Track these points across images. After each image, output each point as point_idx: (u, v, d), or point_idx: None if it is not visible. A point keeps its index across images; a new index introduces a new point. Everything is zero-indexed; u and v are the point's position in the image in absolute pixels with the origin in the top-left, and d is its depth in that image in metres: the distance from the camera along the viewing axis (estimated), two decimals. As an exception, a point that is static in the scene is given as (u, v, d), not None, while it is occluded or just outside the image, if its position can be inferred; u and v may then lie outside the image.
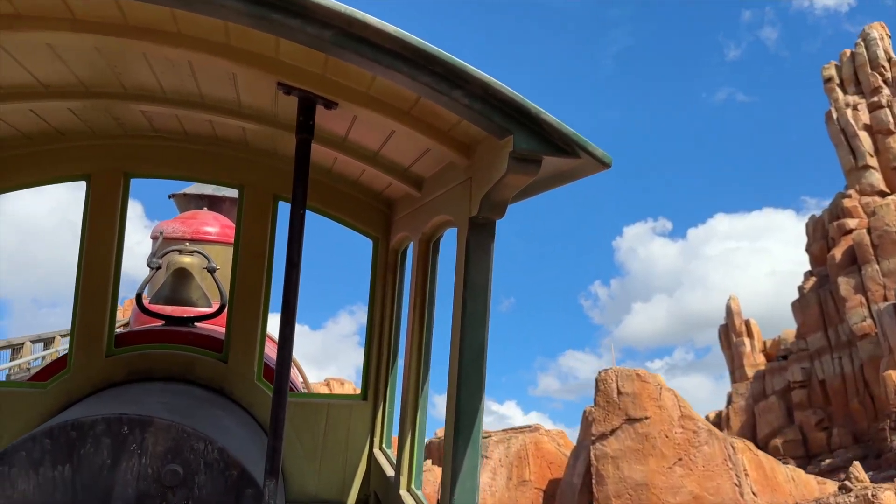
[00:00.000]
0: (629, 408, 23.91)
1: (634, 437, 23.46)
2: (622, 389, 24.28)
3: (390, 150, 3.51)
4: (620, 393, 24.21)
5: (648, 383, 24.28)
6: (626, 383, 24.31)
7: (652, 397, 24.02)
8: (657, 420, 23.61)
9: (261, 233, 4.30)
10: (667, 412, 23.75)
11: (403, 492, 3.58)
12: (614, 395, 24.25)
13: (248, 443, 3.52)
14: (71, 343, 4.14)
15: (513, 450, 27.87)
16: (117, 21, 2.56)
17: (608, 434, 23.77)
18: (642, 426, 23.55)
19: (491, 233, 2.75)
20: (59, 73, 3.13)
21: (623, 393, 24.18)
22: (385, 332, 4.46)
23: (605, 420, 23.99)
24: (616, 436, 23.66)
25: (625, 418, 23.83)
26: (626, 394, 24.12)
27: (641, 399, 23.96)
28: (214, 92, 3.33)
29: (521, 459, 27.85)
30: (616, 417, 23.91)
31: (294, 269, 2.76)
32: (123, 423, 2.87)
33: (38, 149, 4.08)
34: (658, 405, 23.90)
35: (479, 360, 2.68)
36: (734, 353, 57.51)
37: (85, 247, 4.09)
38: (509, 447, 27.89)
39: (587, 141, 2.40)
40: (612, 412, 24.05)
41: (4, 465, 2.75)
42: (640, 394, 24.06)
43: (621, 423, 23.76)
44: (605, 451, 23.53)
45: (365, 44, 2.23)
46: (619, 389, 24.31)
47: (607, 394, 24.38)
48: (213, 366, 4.23)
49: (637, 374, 24.63)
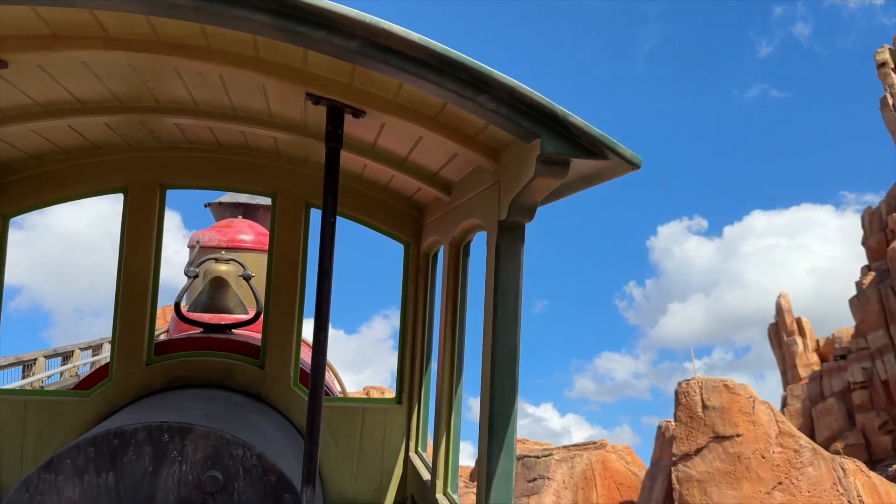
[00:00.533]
0: (717, 424, 21.07)
1: (724, 457, 20.66)
2: (708, 402, 21.32)
3: (419, 155, 3.52)
4: (706, 407, 21.33)
5: (739, 395, 21.27)
6: (711, 395, 21.35)
7: (743, 411, 21.08)
8: (751, 438, 20.76)
9: (294, 240, 4.36)
10: (762, 429, 20.84)
11: (440, 495, 3.58)
12: (698, 409, 21.38)
13: (286, 448, 3.57)
14: (112, 352, 4.24)
15: (577, 469, 25.53)
16: (149, 38, 2.62)
17: (692, 454, 20.98)
18: (733, 445, 20.75)
19: (520, 236, 2.74)
20: (94, 90, 3.22)
21: (709, 407, 21.25)
22: (418, 335, 4.48)
23: (689, 438, 21.16)
24: (702, 456, 20.90)
25: (712, 436, 21.03)
26: (713, 408, 21.19)
27: (731, 413, 21.11)
28: (245, 103, 3.38)
29: (588, 480, 25.42)
30: (701, 435, 21.08)
31: (325, 276, 2.79)
32: (164, 431, 2.93)
33: (76, 163, 4.20)
34: (751, 420, 21.01)
35: (512, 363, 2.68)
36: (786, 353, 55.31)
37: (123, 257, 4.19)
38: (573, 467, 25.55)
39: (615, 142, 2.37)
40: (697, 429, 21.23)
41: (51, 472, 2.83)
42: (730, 407, 21.17)
43: (708, 442, 20.97)
44: (690, 474, 20.78)
45: (390, 53, 2.25)
46: (705, 402, 21.36)
47: (690, 408, 21.52)
48: (251, 372, 4.30)
49: (725, 384, 21.65)
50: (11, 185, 4.14)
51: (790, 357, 54.93)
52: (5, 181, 4.13)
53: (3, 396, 4.13)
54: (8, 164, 4.08)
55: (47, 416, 4.06)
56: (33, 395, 4.51)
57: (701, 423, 21.33)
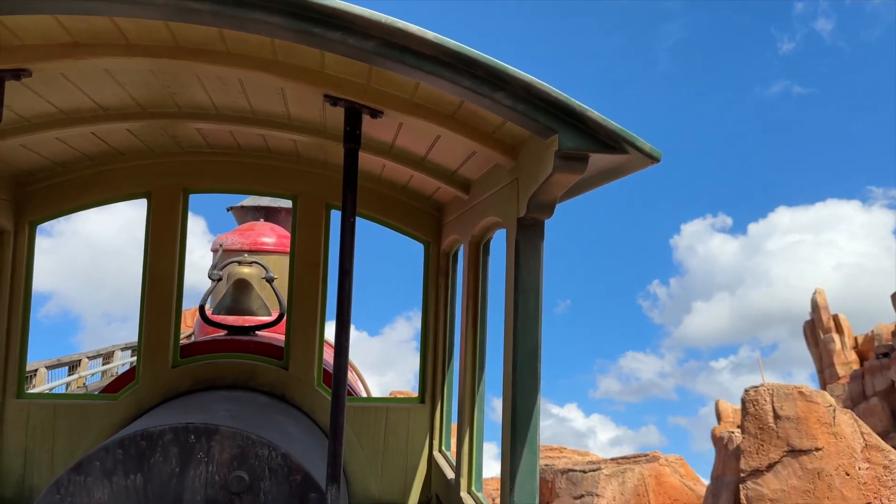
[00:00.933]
0: (792, 436, 18.62)
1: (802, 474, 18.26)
2: (780, 412, 18.88)
3: (437, 154, 3.53)
4: (778, 417, 18.87)
5: (816, 403, 18.84)
6: (785, 404, 18.97)
7: (823, 422, 18.65)
8: (833, 452, 18.31)
9: (315, 241, 4.39)
10: (845, 441, 18.39)
11: (464, 494, 3.59)
12: (770, 419, 18.92)
13: (311, 448, 3.59)
14: (139, 356, 4.30)
15: (629, 485, 23.13)
16: (168, 43, 2.65)
17: (764, 470, 18.58)
18: (812, 460, 18.34)
19: (540, 233, 2.73)
20: (116, 96, 3.26)
21: (782, 417, 18.82)
22: (440, 334, 4.49)
23: (759, 452, 18.78)
24: (775, 472, 18.48)
25: (786, 449, 18.62)
26: (787, 418, 18.76)
27: (808, 424, 18.69)
28: (265, 107, 3.41)
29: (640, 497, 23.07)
30: (774, 448, 18.70)
31: (347, 276, 2.80)
32: (190, 432, 2.97)
33: (100, 169, 4.26)
34: (832, 432, 18.53)
35: (534, 361, 2.67)
36: (822, 352, 53.20)
37: (148, 261, 4.25)
38: (624, 482, 23.15)
39: (634, 136, 2.35)
40: (769, 441, 18.86)
41: (80, 474, 2.88)
42: (807, 418, 18.71)
43: (781, 456, 18.57)
44: (761, 492, 18.46)
45: (406, 52, 2.26)
46: (777, 412, 18.96)
47: (760, 418, 19.04)
48: (275, 373, 4.34)
49: (799, 391, 19.13)
50: (37, 192, 4.22)
51: (827, 355, 52.85)
52: (31, 189, 4.21)
53: (32, 400, 4.20)
54: (33, 171, 4.16)
55: (76, 419, 4.13)
56: (62, 398, 4.59)
57: (773, 435, 18.98)
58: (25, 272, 4.17)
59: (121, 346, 20.41)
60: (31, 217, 4.21)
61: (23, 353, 4.18)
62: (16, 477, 4.08)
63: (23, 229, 4.18)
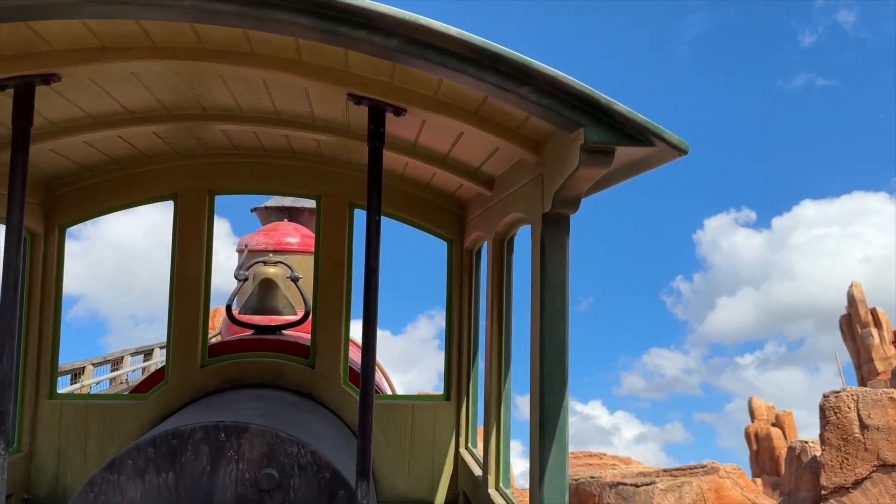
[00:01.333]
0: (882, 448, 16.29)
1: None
2: (867, 421, 16.61)
3: (460, 151, 3.52)
4: (865, 426, 16.66)
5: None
6: (872, 412, 16.57)
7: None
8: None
9: (339, 241, 4.41)
10: None
11: (492, 490, 3.58)
12: (855, 428, 16.72)
13: (339, 445, 3.61)
14: (168, 356, 4.36)
15: (687, 500, 21.35)
16: (194, 45, 2.68)
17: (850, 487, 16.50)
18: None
19: (565, 228, 2.72)
20: (143, 99, 3.30)
21: (869, 426, 16.59)
22: (464, 332, 4.49)
23: (844, 465, 16.68)
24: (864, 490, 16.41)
25: (876, 463, 16.53)
26: (875, 427, 16.53)
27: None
28: (289, 107, 3.43)
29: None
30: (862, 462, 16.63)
31: (373, 274, 2.81)
32: (220, 431, 3.00)
33: (127, 172, 4.32)
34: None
35: (561, 356, 2.66)
36: (860, 347, 50.80)
37: (176, 263, 4.30)
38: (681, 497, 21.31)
39: (661, 128, 2.33)
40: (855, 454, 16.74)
41: (113, 473, 2.92)
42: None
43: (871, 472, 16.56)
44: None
45: (430, 49, 2.26)
46: (863, 420, 16.73)
47: (844, 427, 16.78)
48: (302, 371, 4.37)
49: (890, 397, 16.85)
50: (66, 195, 4.29)
51: (865, 350, 50.55)
52: (60, 192, 4.27)
53: (65, 401, 4.28)
54: (62, 175, 4.22)
55: (107, 419, 4.20)
56: (94, 399, 4.66)
57: (860, 448, 16.79)
58: (56, 274, 4.24)
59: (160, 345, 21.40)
60: (60, 220, 4.28)
61: (55, 355, 4.25)
62: (49, 476, 4.15)
63: (52, 232, 4.25)
